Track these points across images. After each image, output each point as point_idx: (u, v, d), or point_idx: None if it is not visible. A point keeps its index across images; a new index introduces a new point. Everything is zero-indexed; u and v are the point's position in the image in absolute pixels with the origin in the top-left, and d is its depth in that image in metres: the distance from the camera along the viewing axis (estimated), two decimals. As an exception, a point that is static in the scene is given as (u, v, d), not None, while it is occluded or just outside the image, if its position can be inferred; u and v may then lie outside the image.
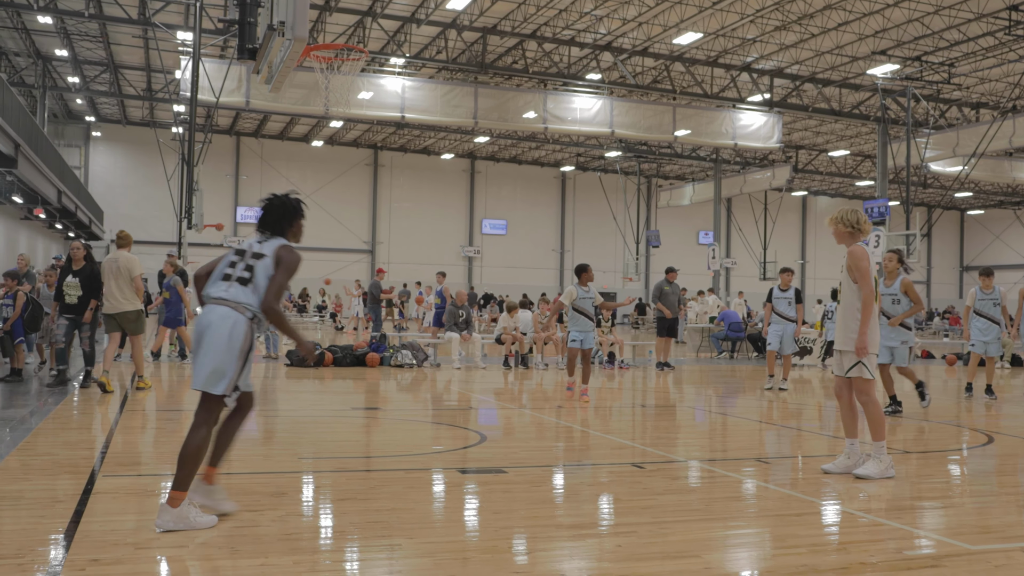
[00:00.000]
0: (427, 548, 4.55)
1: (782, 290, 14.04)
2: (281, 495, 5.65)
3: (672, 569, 4.26)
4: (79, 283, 11.07)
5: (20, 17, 29.87)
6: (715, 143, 33.18)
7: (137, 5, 26.43)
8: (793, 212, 55.68)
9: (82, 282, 11.08)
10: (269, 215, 5.30)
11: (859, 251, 6.69)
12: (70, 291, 11.06)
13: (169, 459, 6.69)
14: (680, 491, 6.27)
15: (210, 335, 4.75)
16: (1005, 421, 10.87)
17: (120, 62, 35.26)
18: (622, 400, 12.72)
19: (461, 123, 30.15)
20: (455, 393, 12.74)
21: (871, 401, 6.67)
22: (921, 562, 4.52)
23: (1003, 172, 37.48)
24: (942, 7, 25.15)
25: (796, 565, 4.37)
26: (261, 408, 10.71)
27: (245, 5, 13.07)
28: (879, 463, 6.53)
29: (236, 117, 43.48)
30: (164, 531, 4.58)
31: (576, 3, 26.61)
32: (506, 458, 7.36)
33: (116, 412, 9.39)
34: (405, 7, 27.60)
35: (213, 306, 4.83)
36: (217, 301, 4.83)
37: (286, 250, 5.02)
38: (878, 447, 6.58)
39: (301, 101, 27.15)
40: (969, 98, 34.31)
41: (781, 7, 25.88)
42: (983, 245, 59.54)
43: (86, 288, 11.09)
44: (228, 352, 4.72)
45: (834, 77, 32.45)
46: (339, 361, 16.16)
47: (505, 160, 51.99)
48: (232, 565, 4.17)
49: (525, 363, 17.58)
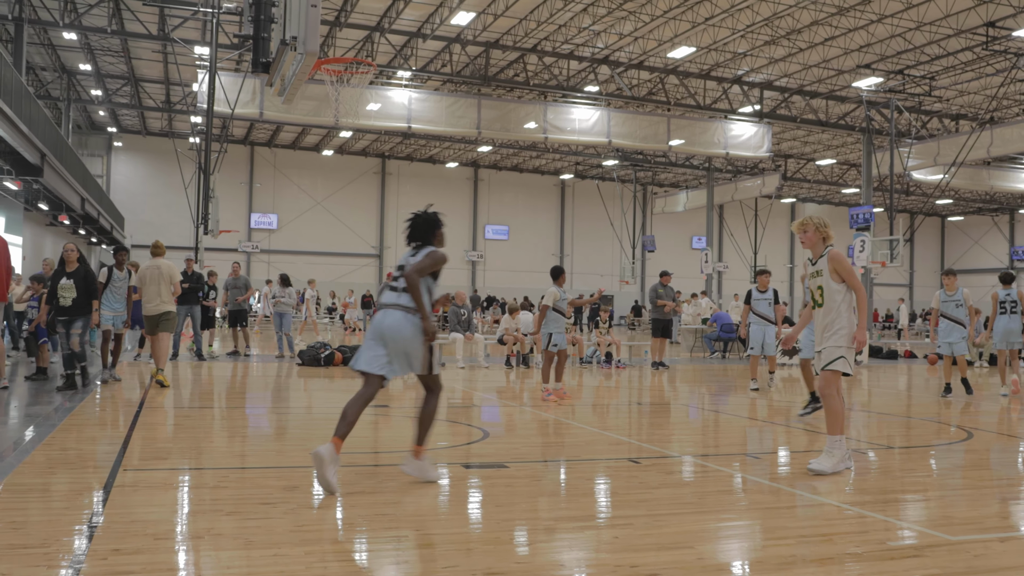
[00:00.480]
0: (432, 539, 4.62)
1: (761, 291, 13.66)
2: (293, 489, 5.66)
3: (666, 560, 4.27)
4: (73, 284, 11.01)
5: (47, 33, 30.27)
6: (708, 152, 33.51)
7: (157, 21, 26.98)
8: (782, 218, 55.86)
9: (76, 283, 11.03)
10: (416, 230, 6.04)
11: (840, 254, 6.70)
12: (64, 293, 10.98)
13: (188, 454, 7.13)
14: (674, 485, 6.29)
15: (394, 334, 5.75)
16: (984, 418, 10.75)
17: (140, 76, 35.63)
18: (619, 398, 12.69)
19: (465, 133, 30.33)
20: (459, 391, 12.64)
21: (833, 395, 6.64)
22: (904, 552, 4.56)
23: (981, 180, 37.58)
24: (923, 23, 25.59)
25: (785, 556, 4.40)
26: (274, 405, 10.94)
27: (259, 21, 12.95)
28: (831, 457, 6.49)
29: (250, 128, 43.75)
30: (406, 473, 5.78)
31: (575, 19, 26.94)
32: (508, 454, 7.38)
33: (136, 409, 9.37)
34: (412, 23, 27.93)
35: (387, 311, 5.83)
36: (391, 307, 5.83)
37: (433, 250, 5.97)
38: (834, 440, 6.54)
39: (312, 112, 27.45)
40: (949, 110, 34.60)
41: (770, 23, 26.28)
42: (963, 250, 60.09)
43: (80, 289, 11.05)
44: (414, 343, 5.75)
45: (821, 89, 32.75)
46: (348, 361, 15.73)
47: (507, 168, 52.16)
48: (246, 555, 4.17)
49: (526, 363, 17.78)
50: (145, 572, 3.93)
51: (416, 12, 27.21)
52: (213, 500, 5.39)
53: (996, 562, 4.44)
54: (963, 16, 25.06)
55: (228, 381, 13.76)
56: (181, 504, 5.39)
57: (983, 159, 32.97)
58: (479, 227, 52.04)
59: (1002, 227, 57.37)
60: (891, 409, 11.47)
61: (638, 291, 50.98)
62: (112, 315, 12.10)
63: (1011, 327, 13.14)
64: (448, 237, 6.32)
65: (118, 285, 12.14)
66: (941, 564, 4.34)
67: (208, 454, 7.27)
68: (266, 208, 48.24)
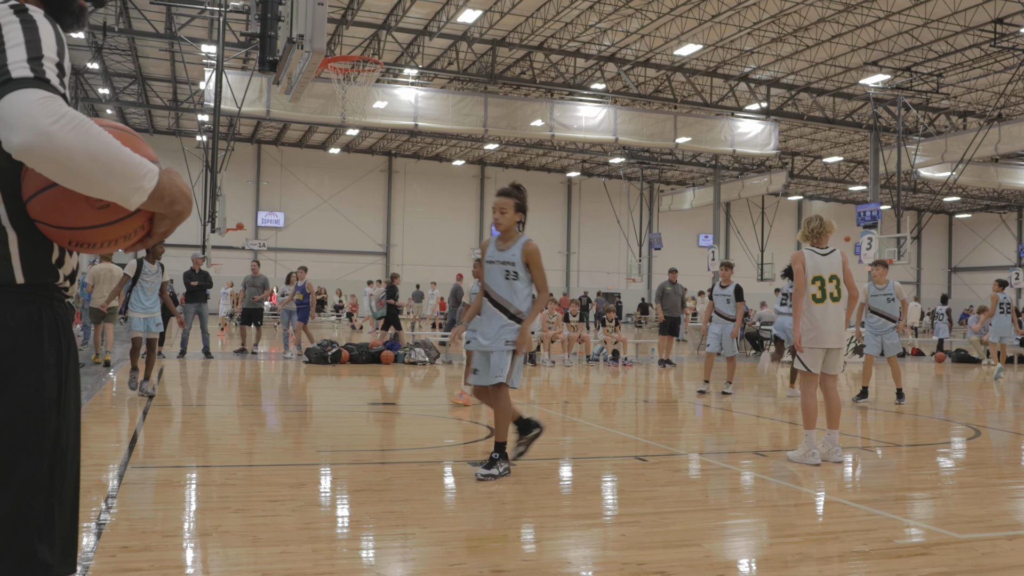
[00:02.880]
0: (439, 537, 4.61)
1: (722, 287, 12.58)
2: (300, 486, 5.70)
3: (673, 557, 4.28)
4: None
5: (54, 32, 30.71)
6: (714, 150, 33.41)
7: (164, 20, 26.88)
8: (789, 216, 55.82)
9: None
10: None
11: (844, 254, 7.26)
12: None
13: (194, 451, 7.12)
14: (681, 483, 6.32)
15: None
16: (992, 416, 10.78)
17: (148, 74, 35.62)
18: (625, 396, 12.70)
19: (471, 131, 30.37)
20: (465, 389, 12.77)
21: (807, 393, 7.13)
22: (911, 550, 4.56)
23: (989, 177, 37.42)
24: (931, 20, 25.53)
25: (792, 553, 4.41)
26: (282, 403, 10.95)
27: (266, 19, 12.93)
28: (802, 449, 6.95)
29: (257, 126, 43.76)
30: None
31: (581, 16, 26.93)
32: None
33: (144, 407, 9.45)
34: (418, 21, 27.96)
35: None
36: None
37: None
38: (808, 434, 6.93)
39: (319, 110, 27.43)
40: (957, 107, 34.50)
41: (777, 20, 26.22)
42: (970, 247, 59.95)
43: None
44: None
45: (828, 87, 32.70)
46: (355, 359, 16.44)
47: (514, 166, 52.13)
48: (254, 552, 4.21)
49: (533, 360, 17.86)
50: (153, 569, 3.95)
51: (422, 10, 27.23)
52: (221, 497, 5.41)
53: (1004, 560, 4.43)
54: (971, 13, 24.99)
55: (236, 379, 13.80)
56: (189, 501, 5.40)
57: (991, 156, 32.67)
58: (486, 225, 51.89)
59: (1010, 224, 57.14)
60: (898, 406, 11.49)
61: (645, 289, 51.00)
62: (144, 317, 10.38)
63: (1006, 324, 16.56)
64: (455, 234, 6.47)
65: (149, 279, 10.43)
66: (948, 562, 4.33)
67: (216, 451, 7.30)
68: (273, 206, 48.32)
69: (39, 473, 1.87)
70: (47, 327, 1.91)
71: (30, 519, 1.85)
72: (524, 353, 6.26)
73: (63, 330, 1.96)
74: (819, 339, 7.02)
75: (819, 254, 7.21)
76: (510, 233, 6.26)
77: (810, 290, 7.07)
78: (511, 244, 6.24)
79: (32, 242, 1.90)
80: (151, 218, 1.96)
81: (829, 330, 7.04)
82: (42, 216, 1.87)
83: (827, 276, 7.09)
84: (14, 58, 1.75)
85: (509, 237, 6.27)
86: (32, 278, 1.90)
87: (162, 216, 1.95)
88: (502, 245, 6.27)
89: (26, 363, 1.86)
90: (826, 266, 7.12)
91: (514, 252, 6.19)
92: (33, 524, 1.85)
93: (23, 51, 1.77)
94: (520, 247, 6.19)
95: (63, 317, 1.98)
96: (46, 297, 1.94)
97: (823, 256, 7.19)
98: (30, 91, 1.71)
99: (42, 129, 1.68)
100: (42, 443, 1.88)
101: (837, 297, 7.04)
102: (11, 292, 1.87)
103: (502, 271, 6.19)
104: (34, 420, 1.87)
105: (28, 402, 1.86)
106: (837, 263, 7.14)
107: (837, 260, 7.15)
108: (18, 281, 1.88)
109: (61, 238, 1.91)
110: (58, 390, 1.92)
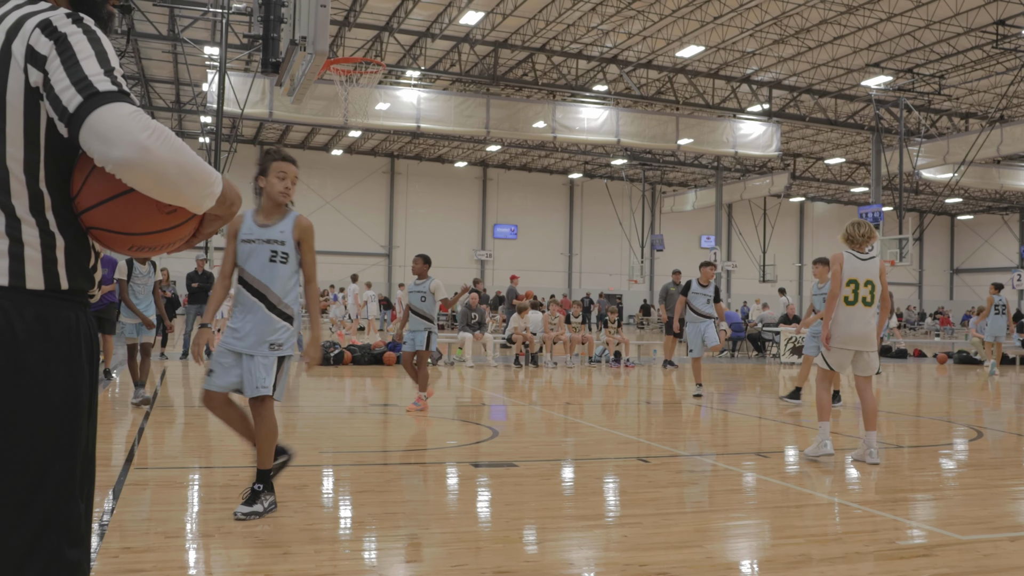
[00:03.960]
0: (442, 538, 4.61)
1: (702, 285, 12.21)
2: (303, 487, 5.67)
3: (675, 558, 4.28)
4: None
5: (57, 34, 30.72)
6: (716, 151, 33.45)
7: (167, 22, 26.97)
8: (791, 217, 55.80)
9: None
10: None
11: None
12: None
13: (196, 453, 7.13)
14: (683, 484, 6.30)
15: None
16: (994, 417, 10.80)
17: (150, 76, 35.65)
18: (628, 397, 12.70)
19: (474, 133, 30.37)
20: (468, 390, 12.77)
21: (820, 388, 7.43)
22: (913, 552, 4.57)
23: (991, 179, 37.41)
24: (933, 22, 25.54)
25: (794, 555, 4.41)
26: (284, 404, 10.73)
27: (269, 21, 12.82)
28: (816, 441, 7.22)
29: (260, 127, 43.76)
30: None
31: (583, 18, 26.96)
32: (517, 452, 7.38)
33: (146, 408, 9.36)
34: (420, 22, 27.97)
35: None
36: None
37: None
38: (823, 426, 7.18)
39: (322, 112, 27.45)
40: (959, 108, 34.48)
41: (779, 22, 26.27)
42: (972, 249, 59.81)
43: None
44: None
45: (830, 88, 32.71)
46: (358, 360, 16.42)
47: (516, 168, 52.12)
48: (256, 554, 4.20)
49: (535, 362, 17.92)
50: (156, 570, 3.95)
51: (425, 12, 27.26)
52: (223, 498, 5.41)
53: (1006, 562, 4.44)
54: (973, 14, 25.00)
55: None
56: (191, 502, 5.43)
57: (993, 158, 32.78)
58: (488, 226, 52.01)
59: (1012, 226, 57.06)
60: (900, 408, 11.52)
61: (647, 290, 50.97)
62: (136, 323, 9.96)
63: (1001, 324, 18.07)
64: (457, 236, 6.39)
65: (141, 281, 10.00)
66: (951, 563, 4.34)
67: (218, 452, 7.32)
68: (275, 208, 48.35)
69: (71, 476, 1.91)
70: (83, 333, 1.95)
71: (62, 520, 1.88)
72: (315, 364, 5.25)
73: (94, 336, 2.00)
74: (842, 340, 7.21)
75: (859, 258, 7.34)
76: (276, 206, 5.00)
77: (844, 292, 7.24)
78: (278, 219, 4.99)
79: (76, 248, 1.94)
80: (202, 219, 1.99)
81: (854, 333, 7.20)
82: (108, 223, 1.90)
83: (862, 280, 7.24)
84: (92, 70, 1.77)
85: (275, 211, 5.00)
86: (73, 283, 1.94)
87: (214, 217, 1.99)
88: (264, 220, 4.99)
89: (65, 368, 1.89)
90: (863, 271, 7.28)
91: (283, 229, 4.97)
92: (64, 525, 1.89)
93: (97, 63, 1.79)
94: (292, 222, 5.00)
95: (93, 323, 2.02)
96: (81, 303, 1.98)
97: (862, 261, 7.33)
98: (120, 105, 1.74)
99: (140, 143, 1.71)
100: (75, 447, 1.92)
101: (870, 302, 7.23)
102: (57, 297, 1.91)
103: (267, 251, 4.93)
104: (70, 425, 1.90)
105: (66, 407, 1.89)
106: (875, 269, 7.30)
107: (875, 266, 7.32)
108: (63, 287, 1.91)
109: (122, 244, 1.95)
110: (89, 396, 1.97)
